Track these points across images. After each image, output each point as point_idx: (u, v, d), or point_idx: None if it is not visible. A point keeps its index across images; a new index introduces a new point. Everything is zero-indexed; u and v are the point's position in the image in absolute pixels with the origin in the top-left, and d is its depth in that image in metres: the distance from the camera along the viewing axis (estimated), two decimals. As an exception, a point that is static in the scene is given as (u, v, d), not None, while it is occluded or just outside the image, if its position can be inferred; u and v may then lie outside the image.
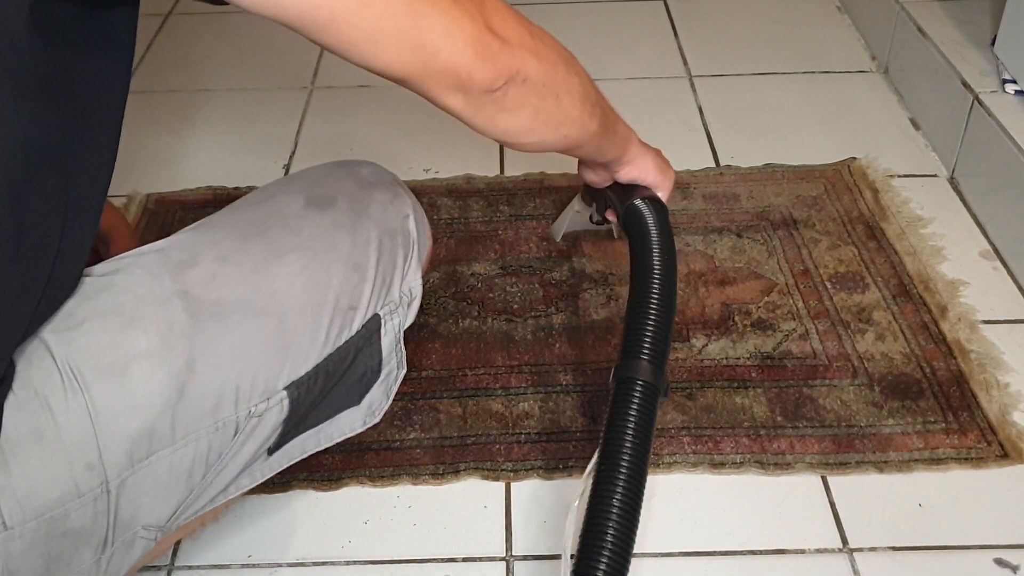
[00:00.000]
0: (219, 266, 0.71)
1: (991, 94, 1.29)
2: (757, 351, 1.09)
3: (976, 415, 1.01)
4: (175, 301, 0.67)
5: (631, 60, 1.66)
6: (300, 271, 0.73)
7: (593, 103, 0.78)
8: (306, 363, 0.73)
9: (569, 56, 0.75)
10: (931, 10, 1.51)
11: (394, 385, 0.82)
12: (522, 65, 0.67)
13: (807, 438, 0.99)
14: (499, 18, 0.66)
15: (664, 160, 0.98)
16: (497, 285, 1.19)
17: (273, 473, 0.77)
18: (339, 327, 0.75)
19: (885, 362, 1.07)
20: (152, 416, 0.65)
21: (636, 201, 0.94)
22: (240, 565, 0.90)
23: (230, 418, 0.69)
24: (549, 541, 0.91)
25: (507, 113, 0.69)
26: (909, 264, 1.20)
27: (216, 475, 0.71)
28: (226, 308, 0.69)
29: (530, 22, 0.71)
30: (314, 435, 0.79)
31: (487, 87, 0.65)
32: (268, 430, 0.72)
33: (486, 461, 0.98)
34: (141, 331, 0.65)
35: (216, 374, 0.68)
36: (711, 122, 1.50)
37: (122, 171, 1.44)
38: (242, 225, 0.75)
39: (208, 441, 0.68)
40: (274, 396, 0.71)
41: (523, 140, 0.73)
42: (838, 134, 1.46)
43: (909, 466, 0.96)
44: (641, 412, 0.75)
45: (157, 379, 0.65)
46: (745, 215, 1.30)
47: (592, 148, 0.85)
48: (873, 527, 0.91)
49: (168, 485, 0.67)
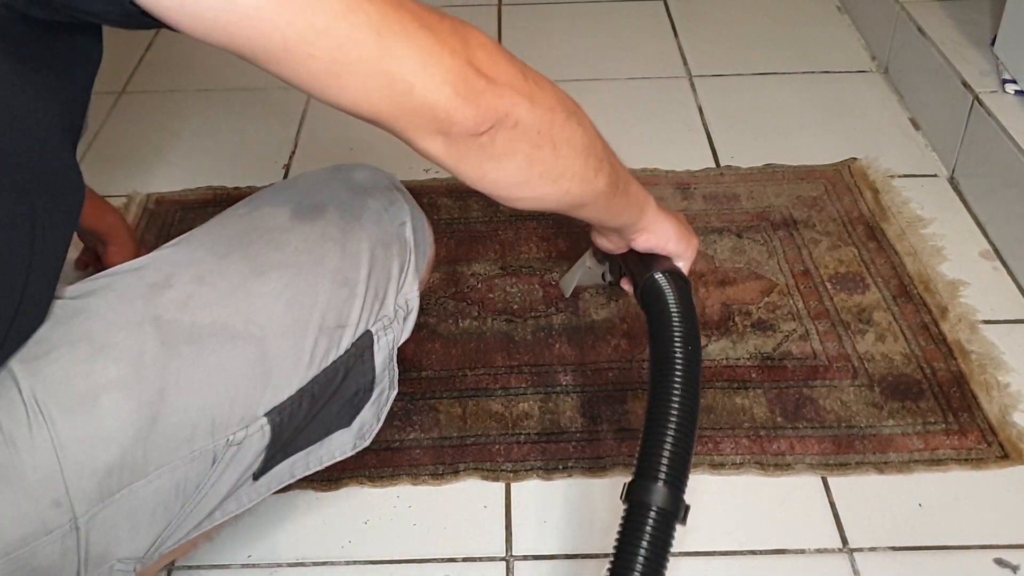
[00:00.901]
0: (195, 287, 0.67)
1: (991, 94, 1.29)
2: (757, 352, 1.09)
3: (976, 416, 1.01)
4: (147, 327, 0.64)
5: (631, 60, 1.66)
6: (283, 289, 0.70)
7: (600, 158, 0.70)
8: (288, 387, 0.70)
9: (572, 106, 0.68)
10: (931, 10, 1.51)
11: (385, 406, 0.80)
12: (511, 108, 0.60)
13: (807, 439, 0.99)
14: (486, 56, 0.59)
15: (685, 225, 0.88)
16: (497, 285, 1.19)
17: (262, 497, 0.74)
18: (325, 347, 0.71)
19: (885, 363, 1.07)
20: (122, 448, 0.62)
21: (656, 275, 0.82)
22: (240, 565, 0.90)
23: (206, 447, 0.66)
24: (549, 541, 0.91)
25: (496, 161, 0.62)
26: (909, 264, 1.20)
27: (196, 504, 0.68)
28: (201, 332, 0.66)
29: (525, 65, 0.64)
30: (303, 458, 0.76)
31: (471, 130, 0.58)
32: (250, 457, 0.69)
33: (486, 461, 0.98)
34: (111, 359, 0.62)
35: (190, 403, 0.65)
36: (711, 122, 1.50)
37: (122, 171, 1.45)
38: (223, 241, 0.72)
39: (184, 472, 0.65)
40: (254, 423, 0.68)
41: (517, 194, 0.65)
42: (838, 134, 1.46)
43: (909, 467, 0.96)
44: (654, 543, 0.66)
45: (127, 410, 0.62)
46: (745, 215, 1.30)
47: (599, 209, 0.75)
48: (873, 527, 0.91)
49: (143, 518, 0.65)
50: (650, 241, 0.84)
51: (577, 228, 1.28)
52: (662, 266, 0.83)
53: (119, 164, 1.43)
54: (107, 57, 0.65)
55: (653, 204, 0.82)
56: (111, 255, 1.10)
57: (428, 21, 0.56)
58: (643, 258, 0.85)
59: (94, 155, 1.45)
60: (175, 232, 1.28)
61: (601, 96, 1.57)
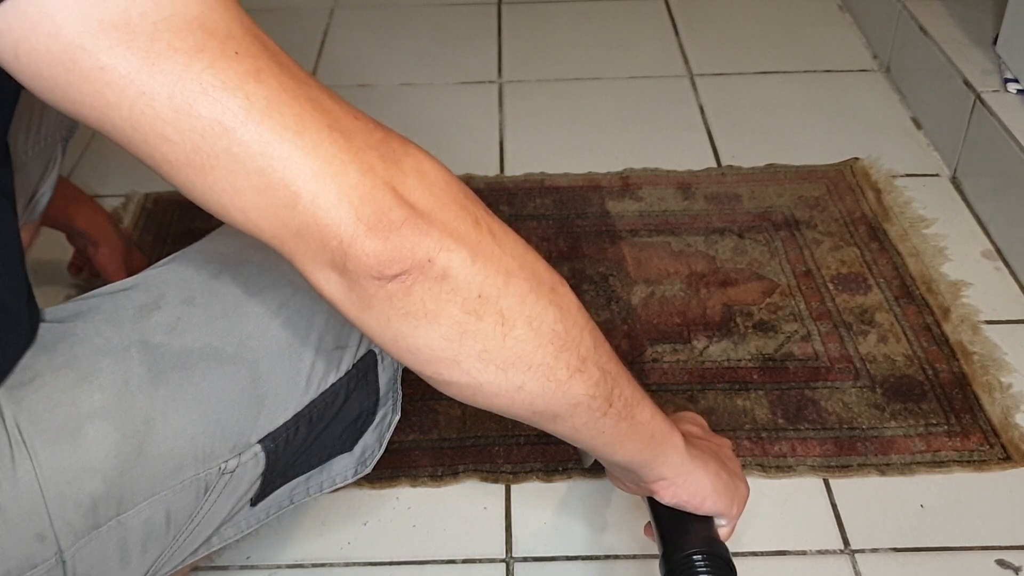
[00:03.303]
0: (184, 309, 0.64)
1: (993, 93, 1.29)
2: (759, 353, 1.08)
3: (978, 417, 1.00)
4: (133, 352, 0.61)
5: (632, 59, 1.66)
6: (277, 310, 0.65)
7: (582, 357, 0.54)
8: (284, 413, 0.66)
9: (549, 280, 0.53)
10: (933, 9, 1.51)
11: (388, 431, 0.76)
12: (438, 252, 0.46)
13: (809, 440, 0.99)
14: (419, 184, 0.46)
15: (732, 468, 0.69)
16: (497, 285, 1.19)
17: (261, 523, 0.72)
18: (323, 370, 0.67)
19: (887, 364, 1.07)
20: (107, 480, 0.59)
21: (692, 556, 0.64)
22: (239, 567, 0.89)
23: (198, 476, 0.63)
24: (549, 543, 0.91)
25: (412, 322, 0.48)
26: (911, 265, 1.19)
27: (190, 533, 0.65)
28: (191, 357, 0.62)
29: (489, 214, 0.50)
30: (303, 483, 0.72)
31: (372, 270, 0.45)
32: (245, 485, 0.66)
33: (485, 463, 0.97)
34: (96, 387, 0.59)
35: (179, 431, 0.61)
36: (712, 122, 1.49)
37: (119, 170, 1.44)
38: (217, 259, 0.68)
39: (174, 501, 0.63)
40: (247, 451, 0.65)
41: (447, 375, 0.51)
42: (839, 133, 1.45)
43: (911, 469, 0.96)
44: None
45: (112, 440, 0.59)
46: (747, 216, 1.29)
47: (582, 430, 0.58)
48: (875, 528, 0.91)
49: (133, 548, 0.62)
50: (678, 496, 0.66)
51: (577, 229, 1.28)
52: (698, 540, 0.64)
53: (117, 164, 1.42)
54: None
55: (680, 444, 0.63)
56: (101, 256, 1.09)
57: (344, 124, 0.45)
58: (671, 519, 0.66)
59: (92, 155, 1.45)
60: (173, 232, 1.28)
61: (601, 95, 1.57)
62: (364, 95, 1.56)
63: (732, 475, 0.68)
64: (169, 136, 0.43)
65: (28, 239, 0.93)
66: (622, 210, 1.31)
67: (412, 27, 1.76)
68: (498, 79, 1.62)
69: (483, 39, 1.73)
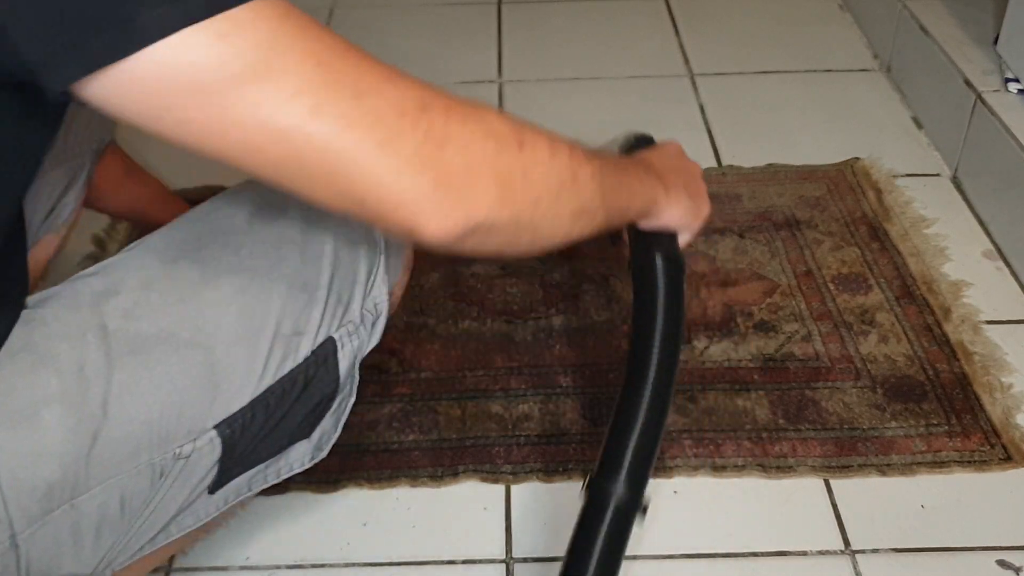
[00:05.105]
0: (141, 294, 0.65)
1: (994, 93, 1.29)
2: (759, 353, 1.08)
3: (979, 418, 1.00)
4: (90, 337, 0.62)
5: (632, 59, 1.66)
6: (234, 296, 0.67)
7: (593, 212, 0.65)
8: (240, 398, 0.67)
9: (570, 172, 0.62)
10: (933, 8, 1.50)
11: (344, 414, 0.76)
12: (485, 217, 0.55)
13: (809, 441, 0.98)
14: (465, 158, 0.54)
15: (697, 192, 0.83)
16: (497, 286, 1.19)
17: (220, 511, 0.72)
18: (281, 356, 0.68)
19: (888, 364, 1.06)
20: (63, 464, 0.60)
21: (652, 258, 0.79)
22: (238, 567, 0.89)
23: (153, 461, 0.64)
24: (549, 543, 0.91)
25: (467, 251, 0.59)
26: (912, 265, 1.19)
27: (146, 519, 0.66)
28: (147, 342, 0.63)
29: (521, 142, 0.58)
30: (262, 471, 0.73)
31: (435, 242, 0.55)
32: (200, 471, 0.67)
33: (485, 463, 0.97)
34: (52, 371, 0.60)
35: (134, 415, 0.62)
36: (713, 121, 1.49)
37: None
38: (176, 245, 0.69)
39: (129, 486, 0.63)
40: (202, 436, 0.65)
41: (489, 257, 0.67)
42: (840, 133, 1.45)
43: (912, 469, 0.96)
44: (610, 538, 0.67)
45: (68, 425, 0.60)
46: (747, 216, 1.29)
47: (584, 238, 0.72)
48: (875, 529, 0.91)
49: (87, 534, 0.63)
50: (652, 225, 0.81)
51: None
52: (659, 248, 0.79)
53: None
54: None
55: (660, 199, 0.77)
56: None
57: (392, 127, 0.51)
58: (642, 234, 0.82)
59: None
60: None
61: (602, 95, 1.57)
62: (364, 95, 1.56)
63: (697, 198, 0.81)
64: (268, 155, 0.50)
65: (52, 250, 0.92)
66: (622, 210, 1.30)
67: (412, 27, 1.76)
68: (498, 79, 1.62)
69: (483, 39, 1.73)
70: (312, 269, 0.71)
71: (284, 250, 0.70)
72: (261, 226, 0.71)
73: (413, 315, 1.14)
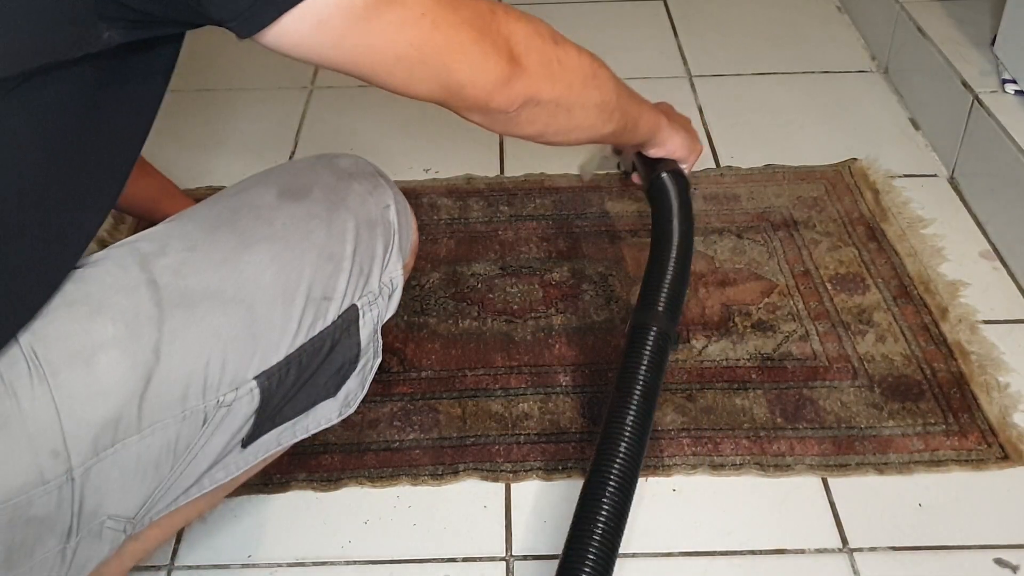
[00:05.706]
0: (188, 255, 0.71)
1: (991, 94, 1.29)
2: (757, 352, 1.09)
3: (976, 417, 1.01)
4: (142, 290, 0.67)
5: (631, 60, 1.66)
6: (271, 261, 0.73)
7: (612, 110, 0.84)
8: (277, 353, 0.72)
9: (592, 70, 0.81)
10: (931, 10, 1.51)
11: (369, 374, 0.82)
12: (536, 91, 0.74)
13: (807, 440, 0.99)
14: (523, 46, 0.72)
15: (692, 134, 1.05)
16: (497, 285, 1.19)
17: (249, 466, 0.76)
18: (312, 317, 0.74)
19: (885, 364, 1.07)
20: (118, 404, 0.64)
21: (662, 175, 1.01)
22: (240, 565, 0.90)
23: (198, 407, 0.68)
24: (549, 541, 0.91)
25: (520, 126, 0.77)
26: (909, 265, 1.20)
27: (186, 466, 0.70)
28: (194, 297, 0.69)
29: (556, 40, 0.78)
30: (290, 427, 0.78)
31: (504, 111, 0.73)
32: (239, 421, 0.72)
33: (485, 462, 0.98)
34: (108, 319, 0.65)
35: (183, 362, 0.67)
36: (711, 122, 1.50)
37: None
38: (213, 217, 0.75)
39: (176, 430, 0.68)
40: (243, 386, 0.71)
41: (533, 139, 0.81)
42: (838, 134, 1.46)
43: (909, 468, 0.96)
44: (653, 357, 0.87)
45: (123, 367, 0.65)
46: (745, 216, 1.29)
47: (609, 141, 0.94)
48: (873, 527, 0.91)
49: (135, 475, 0.67)
50: (659, 153, 1.02)
51: (577, 229, 1.28)
52: (667, 168, 1.01)
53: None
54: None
55: (664, 127, 0.98)
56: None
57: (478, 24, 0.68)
58: (651, 161, 1.03)
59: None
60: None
61: (601, 96, 1.57)
62: (364, 95, 1.56)
63: (692, 139, 1.05)
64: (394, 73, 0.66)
65: None
66: (621, 210, 1.31)
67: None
68: (498, 80, 1.62)
69: (483, 40, 1.73)
70: (337, 242, 0.76)
71: (312, 224, 0.76)
72: (289, 204, 0.77)
73: (414, 315, 1.15)
